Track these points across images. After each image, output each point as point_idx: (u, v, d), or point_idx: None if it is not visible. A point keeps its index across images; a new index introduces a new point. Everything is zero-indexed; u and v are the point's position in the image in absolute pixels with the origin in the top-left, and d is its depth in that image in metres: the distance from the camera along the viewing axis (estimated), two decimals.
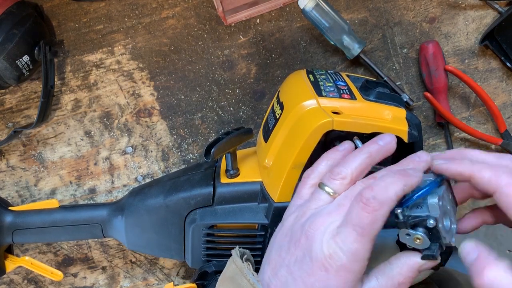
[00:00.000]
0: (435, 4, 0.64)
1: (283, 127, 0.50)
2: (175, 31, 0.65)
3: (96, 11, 0.64)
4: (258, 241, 0.54)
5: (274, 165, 0.51)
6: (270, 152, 0.51)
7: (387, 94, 0.52)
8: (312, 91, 0.51)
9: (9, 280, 0.72)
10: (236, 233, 0.54)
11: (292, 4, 0.64)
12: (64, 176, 0.69)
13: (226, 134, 0.53)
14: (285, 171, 0.49)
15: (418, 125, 0.50)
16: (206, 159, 0.52)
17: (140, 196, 0.57)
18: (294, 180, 0.50)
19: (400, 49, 0.66)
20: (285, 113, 0.51)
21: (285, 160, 0.49)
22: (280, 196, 0.51)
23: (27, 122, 0.68)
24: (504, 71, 0.66)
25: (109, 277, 0.72)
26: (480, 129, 0.67)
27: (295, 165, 0.49)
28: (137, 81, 0.67)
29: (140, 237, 0.57)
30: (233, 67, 0.66)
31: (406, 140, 0.48)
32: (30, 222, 0.58)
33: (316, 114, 0.48)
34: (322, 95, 0.50)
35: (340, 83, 0.53)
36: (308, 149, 0.48)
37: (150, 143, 0.68)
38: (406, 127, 0.48)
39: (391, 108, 0.50)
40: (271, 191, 0.52)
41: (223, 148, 0.52)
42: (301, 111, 0.49)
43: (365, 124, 0.47)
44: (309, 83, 0.53)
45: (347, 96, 0.51)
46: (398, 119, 0.49)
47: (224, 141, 0.52)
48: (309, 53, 0.66)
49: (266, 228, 0.53)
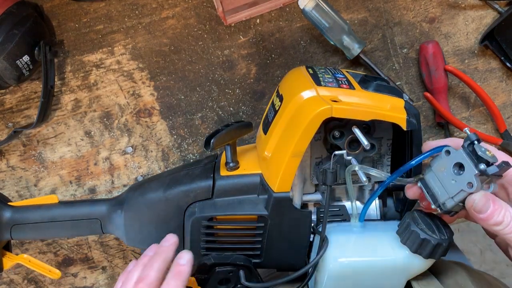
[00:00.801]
0: (435, 4, 0.64)
1: (282, 117, 0.50)
2: (175, 31, 0.65)
3: (96, 11, 0.64)
4: (258, 233, 0.54)
5: (274, 155, 0.51)
6: (270, 143, 0.52)
7: (386, 86, 0.52)
8: (311, 81, 0.51)
9: (9, 280, 0.72)
10: (235, 225, 0.54)
11: (292, 4, 0.64)
12: (64, 176, 0.69)
13: (226, 126, 0.54)
14: (285, 160, 0.49)
15: (416, 115, 0.50)
16: (206, 149, 0.52)
17: (140, 191, 0.57)
18: (294, 168, 0.50)
19: (400, 49, 0.66)
20: (285, 104, 0.51)
21: (284, 149, 0.49)
22: (279, 186, 0.51)
23: (27, 122, 0.68)
24: (504, 71, 0.66)
25: (109, 277, 0.72)
26: (480, 129, 0.67)
27: (294, 153, 0.49)
28: (137, 81, 0.67)
29: (139, 231, 0.57)
30: (233, 67, 0.66)
31: (404, 127, 0.48)
32: (29, 218, 0.57)
33: (315, 102, 0.48)
34: (321, 85, 0.50)
35: (339, 76, 0.54)
36: (307, 137, 0.48)
37: (150, 143, 0.68)
38: (405, 115, 0.48)
39: (389, 98, 0.50)
40: (270, 182, 0.52)
41: (223, 139, 0.52)
42: (300, 100, 0.49)
43: (364, 111, 0.47)
44: (308, 75, 0.53)
45: (345, 86, 0.51)
46: (397, 107, 0.49)
47: (224, 132, 0.52)
48: (309, 53, 0.66)
49: (266, 220, 0.53)
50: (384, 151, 0.55)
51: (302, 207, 0.55)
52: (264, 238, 0.54)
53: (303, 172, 0.54)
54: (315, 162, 0.54)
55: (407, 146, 0.53)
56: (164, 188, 0.56)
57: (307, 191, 0.55)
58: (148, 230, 0.57)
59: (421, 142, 0.52)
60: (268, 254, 0.55)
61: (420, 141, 0.52)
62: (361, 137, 0.48)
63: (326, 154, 0.54)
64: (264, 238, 0.54)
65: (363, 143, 0.48)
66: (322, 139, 0.53)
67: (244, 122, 0.55)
